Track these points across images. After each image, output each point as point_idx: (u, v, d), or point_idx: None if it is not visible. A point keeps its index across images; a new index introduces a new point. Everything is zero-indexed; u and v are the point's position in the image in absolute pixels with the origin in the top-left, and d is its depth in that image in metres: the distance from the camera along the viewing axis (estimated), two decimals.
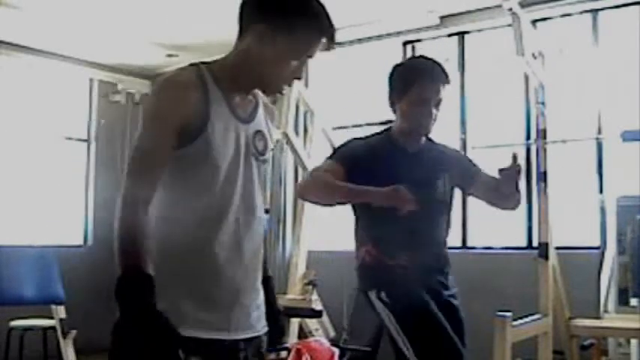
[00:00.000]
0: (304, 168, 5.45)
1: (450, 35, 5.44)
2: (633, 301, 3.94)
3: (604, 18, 4.91)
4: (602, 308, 3.98)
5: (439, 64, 2.47)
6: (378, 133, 2.60)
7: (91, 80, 6.95)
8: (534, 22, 4.70)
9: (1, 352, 4.90)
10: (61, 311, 4.28)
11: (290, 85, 1.73)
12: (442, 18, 5.28)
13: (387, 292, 2.37)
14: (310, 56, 1.66)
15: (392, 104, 2.50)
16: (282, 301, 5.11)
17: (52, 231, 6.47)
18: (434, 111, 2.41)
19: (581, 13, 4.96)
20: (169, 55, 6.57)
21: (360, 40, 5.68)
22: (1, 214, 6.10)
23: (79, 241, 6.80)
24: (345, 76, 6.08)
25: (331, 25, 1.64)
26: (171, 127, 1.56)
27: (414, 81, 2.40)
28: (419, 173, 2.39)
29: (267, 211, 5.67)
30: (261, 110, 1.76)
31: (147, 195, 1.54)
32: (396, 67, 2.57)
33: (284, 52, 1.62)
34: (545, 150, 4.02)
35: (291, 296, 5.14)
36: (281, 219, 6.03)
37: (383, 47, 5.67)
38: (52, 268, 4.37)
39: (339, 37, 1.65)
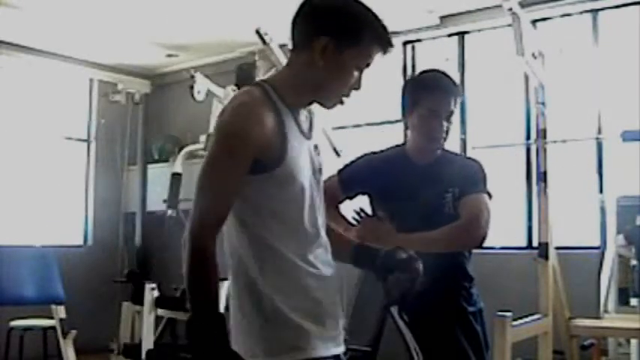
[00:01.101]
0: None
1: (450, 35, 5.44)
2: (633, 301, 3.94)
3: (604, 18, 4.91)
4: (602, 308, 3.98)
5: (449, 77, 2.46)
6: (393, 147, 2.58)
7: (91, 80, 6.95)
8: (534, 22, 4.69)
9: (1, 352, 4.91)
10: (61, 311, 4.28)
11: (349, 97, 1.72)
12: (442, 18, 5.28)
13: (408, 314, 2.33)
14: (369, 65, 1.66)
15: (405, 119, 2.48)
16: None
17: (52, 231, 6.47)
18: (445, 124, 2.39)
19: (581, 13, 4.96)
20: (169, 55, 6.58)
21: None
22: (1, 214, 6.10)
23: (79, 241, 6.80)
24: None
25: (388, 32, 1.67)
26: (251, 151, 1.52)
27: (424, 93, 2.39)
28: (427, 187, 2.36)
29: None
30: (316, 124, 1.77)
31: (219, 222, 1.54)
32: (407, 82, 2.55)
33: (349, 64, 1.62)
34: (545, 150, 4.02)
35: None
36: None
37: None
38: (52, 268, 4.37)
39: None
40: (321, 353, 1.57)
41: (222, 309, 1.51)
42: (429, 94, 2.38)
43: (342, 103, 1.71)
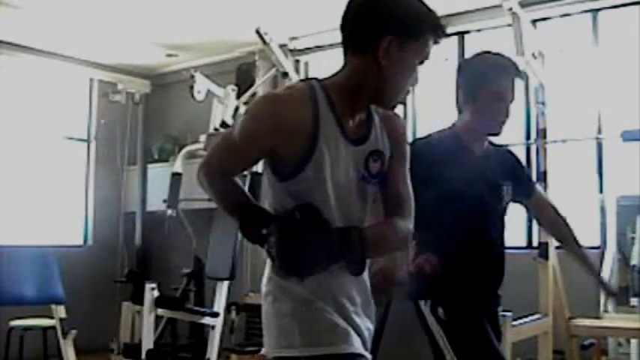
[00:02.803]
0: None
1: (449, 35, 5.43)
2: (633, 301, 3.94)
3: (604, 18, 4.91)
4: (602, 308, 3.98)
5: (511, 59, 2.36)
6: (442, 131, 2.40)
7: (91, 80, 6.95)
8: (534, 22, 4.69)
9: (1, 352, 4.91)
10: (61, 311, 4.28)
11: (408, 95, 1.65)
12: (442, 18, 5.28)
13: (445, 311, 2.24)
14: (427, 57, 1.62)
15: (462, 103, 2.32)
16: None
17: (52, 231, 6.47)
18: (509, 108, 2.29)
19: (581, 13, 4.95)
20: (169, 55, 6.57)
21: None
22: (1, 214, 6.10)
23: (79, 241, 6.80)
24: None
25: (441, 20, 1.67)
26: (269, 137, 1.52)
27: (491, 76, 2.26)
28: (487, 178, 2.28)
29: None
30: (377, 128, 1.64)
31: (221, 169, 1.69)
32: (467, 62, 2.41)
33: (412, 59, 1.57)
34: (545, 150, 4.02)
35: None
36: None
37: None
38: (52, 268, 4.36)
39: (338, 37, 1.65)
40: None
41: (220, 309, 1.52)
42: (496, 77, 2.26)
43: (404, 102, 1.70)
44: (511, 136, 5.10)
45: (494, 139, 2.43)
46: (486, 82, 2.26)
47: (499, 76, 2.27)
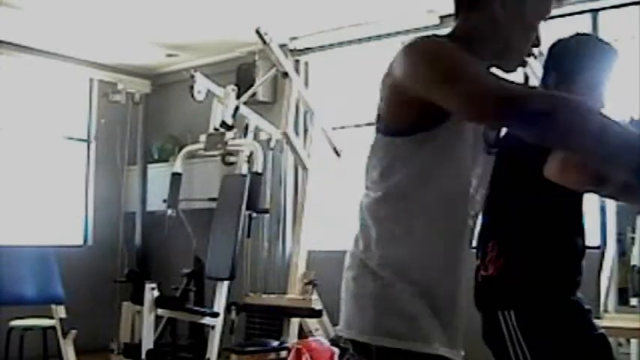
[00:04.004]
0: (304, 168, 5.45)
1: None
2: (633, 301, 3.94)
3: (604, 18, 4.91)
4: (602, 308, 3.98)
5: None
6: None
7: (91, 80, 6.95)
8: None
9: (1, 352, 4.91)
10: (61, 311, 4.29)
11: (529, 57, 1.51)
12: (442, 18, 5.28)
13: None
14: (547, 16, 1.48)
15: (563, 81, 1.98)
16: (282, 301, 5.12)
17: (52, 231, 6.47)
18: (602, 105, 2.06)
19: (581, 13, 4.95)
20: (169, 55, 6.57)
21: (360, 40, 5.67)
22: (1, 214, 6.10)
23: (79, 241, 6.80)
24: (345, 76, 6.09)
25: None
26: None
27: (602, 59, 2.03)
28: None
29: (267, 211, 5.69)
30: None
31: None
32: (583, 40, 2.12)
33: (531, 15, 1.45)
34: None
35: (291, 296, 5.14)
36: (281, 219, 6.04)
37: (383, 47, 5.67)
38: (52, 268, 4.37)
39: (338, 37, 1.64)
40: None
41: (220, 309, 1.47)
42: (607, 65, 2.04)
43: (524, 64, 1.50)
44: None
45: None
46: (596, 65, 2.01)
47: (610, 61, 2.06)
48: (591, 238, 4.49)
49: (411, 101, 1.34)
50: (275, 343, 4.86)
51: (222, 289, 4.88)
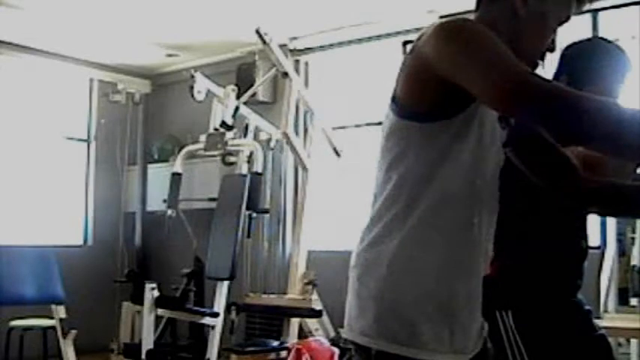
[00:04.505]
0: (304, 168, 5.46)
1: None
2: (633, 301, 3.94)
3: (604, 18, 4.90)
4: (602, 308, 3.98)
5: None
6: None
7: (91, 80, 6.95)
8: None
9: (1, 352, 4.91)
10: (61, 311, 4.29)
11: (543, 60, 1.46)
12: (442, 18, 5.28)
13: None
14: (567, 21, 1.46)
15: (573, 84, 1.88)
16: (282, 301, 5.12)
17: (52, 231, 6.47)
18: None
19: (581, 13, 4.95)
20: (169, 55, 6.58)
21: (360, 40, 5.67)
22: (1, 214, 6.10)
23: (79, 241, 6.80)
24: (345, 76, 6.09)
25: None
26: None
27: (617, 68, 1.99)
28: None
29: (267, 211, 5.69)
30: None
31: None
32: (599, 45, 2.09)
33: (551, 15, 1.41)
34: None
35: (291, 296, 5.14)
36: (281, 219, 6.04)
37: (383, 47, 5.67)
38: (52, 268, 4.37)
39: (338, 37, 1.64)
40: None
41: (220, 309, 1.45)
42: (620, 75, 1.99)
43: (535, 66, 1.44)
44: None
45: None
46: (611, 73, 1.99)
47: (625, 72, 2.02)
48: (591, 238, 4.51)
49: (433, 82, 1.29)
50: (275, 343, 4.86)
51: (222, 289, 4.88)
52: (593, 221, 4.55)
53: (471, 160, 1.36)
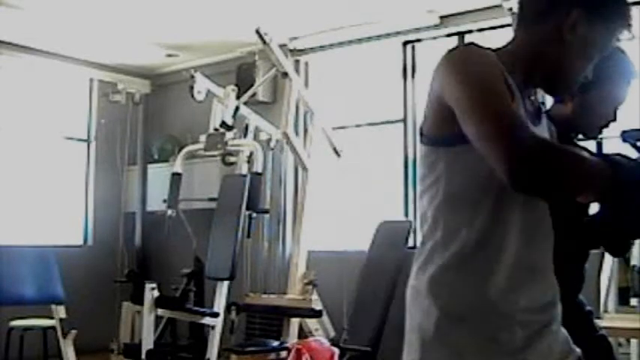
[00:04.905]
0: (304, 168, 5.46)
1: (449, 35, 5.43)
2: (633, 301, 3.95)
3: None
4: (602, 308, 3.98)
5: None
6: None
7: (91, 80, 6.95)
8: None
9: (1, 352, 4.91)
10: (61, 311, 4.29)
11: (577, 86, 1.45)
12: (442, 18, 5.28)
13: None
14: (608, 48, 1.43)
15: (577, 91, 1.91)
16: (282, 301, 5.12)
17: (52, 231, 6.47)
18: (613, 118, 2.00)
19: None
20: (169, 55, 6.58)
21: (360, 40, 5.67)
22: (1, 214, 6.10)
23: (79, 241, 6.80)
24: (345, 76, 6.09)
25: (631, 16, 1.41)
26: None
27: (620, 76, 2.00)
28: None
29: (267, 211, 5.69)
30: (544, 114, 1.48)
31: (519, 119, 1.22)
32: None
33: (596, 43, 1.38)
34: None
35: (291, 296, 5.14)
36: (281, 219, 6.04)
37: (383, 47, 5.68)
38: (52, 268, 4.37)
39: (338, 37, 1.64)
40: None
41: (220, 309, 1.44)
42: (625, 80, 2.00)
43: (570, 91, 1.46)
44: None
45: None
46: (613, 81, 2.01)
47: (629, 81, 2.04)
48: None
49: (447, 111, 1.28)
50: (275, 343, 4.86)
51: (222, 289, 4.88)
52: None
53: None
